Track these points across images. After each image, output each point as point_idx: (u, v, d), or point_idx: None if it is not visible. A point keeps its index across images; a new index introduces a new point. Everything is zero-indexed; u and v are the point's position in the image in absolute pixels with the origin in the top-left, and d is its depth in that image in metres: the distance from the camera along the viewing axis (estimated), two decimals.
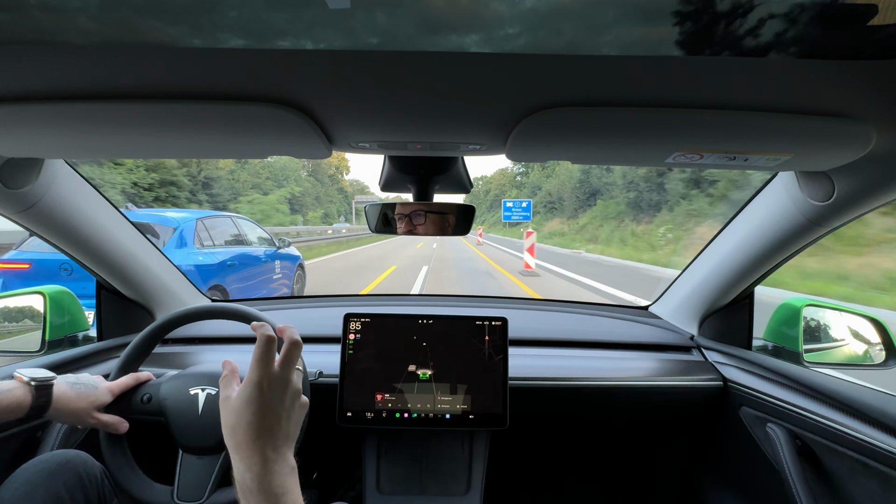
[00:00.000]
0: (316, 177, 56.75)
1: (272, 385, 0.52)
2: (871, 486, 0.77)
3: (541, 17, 0.37)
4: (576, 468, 1.58)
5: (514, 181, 67.59)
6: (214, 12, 0.37)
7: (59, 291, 1.16)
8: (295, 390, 0.55)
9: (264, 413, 0.51)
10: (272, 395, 0.52)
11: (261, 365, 0.52)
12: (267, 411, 0.51)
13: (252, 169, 36.38)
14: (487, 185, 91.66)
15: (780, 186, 0.90)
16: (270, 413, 0.51)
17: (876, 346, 1.11)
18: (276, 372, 0.53)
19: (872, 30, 0.37)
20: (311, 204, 47.39)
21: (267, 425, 0.51)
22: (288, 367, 0.54)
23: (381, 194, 0.97)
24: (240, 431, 0.50)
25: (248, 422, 0.50)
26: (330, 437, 1.31)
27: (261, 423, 0.51)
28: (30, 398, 0.72)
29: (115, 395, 0.83)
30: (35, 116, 0.56)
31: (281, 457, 0.50)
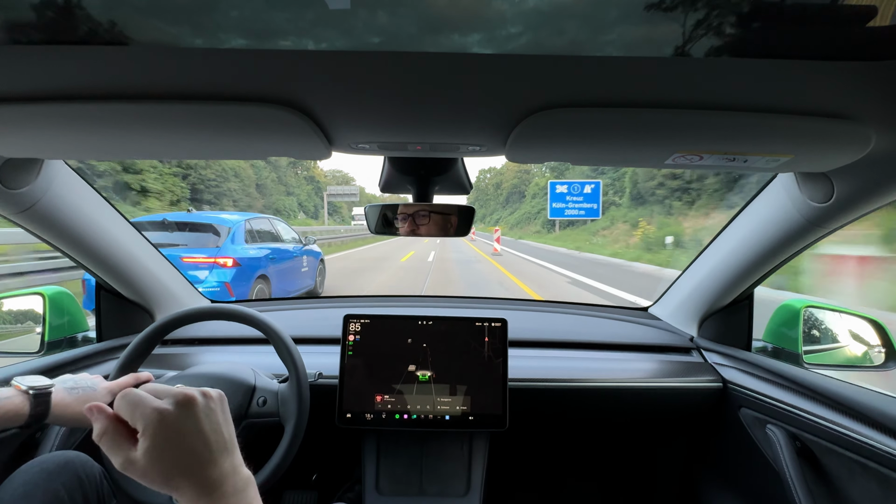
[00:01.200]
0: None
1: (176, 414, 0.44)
2: (870, 487, 0.77)
3: (543, 17, 0.37)
4: (575, 469, 1.58)
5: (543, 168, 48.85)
6: (216, 12, 0.37)
7: (59, 292, 1.16)
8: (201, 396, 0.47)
9: (187, 445, 0.44)
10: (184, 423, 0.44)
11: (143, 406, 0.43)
12: (189, 441, 0.44)
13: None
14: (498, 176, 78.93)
15: (780, 188, 0.90)
16: (193, 441, 0.44)
17: (875, 347, 1.11)
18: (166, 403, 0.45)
19: (872, 30, 0.37)
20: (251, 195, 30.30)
21: (196, 455, 0.44)
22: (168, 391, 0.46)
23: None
24: (174, 477, 0.43)
25: (175, 465, 0.43)
26: (329, 438, 1.31)
27: (188, 458, 0.44)
28: (28, 407, 0.72)
29: (115, 394, 0.83)
30: (34, 116, 0.56)
31: (227, 473, 0.45)
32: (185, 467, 0.43)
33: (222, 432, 0.47)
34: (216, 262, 4.51)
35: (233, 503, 0.43)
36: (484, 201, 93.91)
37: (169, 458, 0.43)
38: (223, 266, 4.53)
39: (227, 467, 0.45)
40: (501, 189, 79.15)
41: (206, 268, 4.49)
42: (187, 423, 0.45)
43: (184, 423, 0.44)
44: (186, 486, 0.43)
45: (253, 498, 0.46)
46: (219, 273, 4.55)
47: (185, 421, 0.45)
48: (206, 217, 5.16)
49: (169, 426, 0.44)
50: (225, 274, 4.56)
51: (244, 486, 0.45)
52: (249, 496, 0.45)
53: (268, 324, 0.93)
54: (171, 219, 4.99)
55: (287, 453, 0.87)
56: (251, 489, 0.46)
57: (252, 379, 0.94)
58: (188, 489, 0.43)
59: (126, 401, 0.44)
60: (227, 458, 0.46)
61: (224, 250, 4.66)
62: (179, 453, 0.43)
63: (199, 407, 0.46)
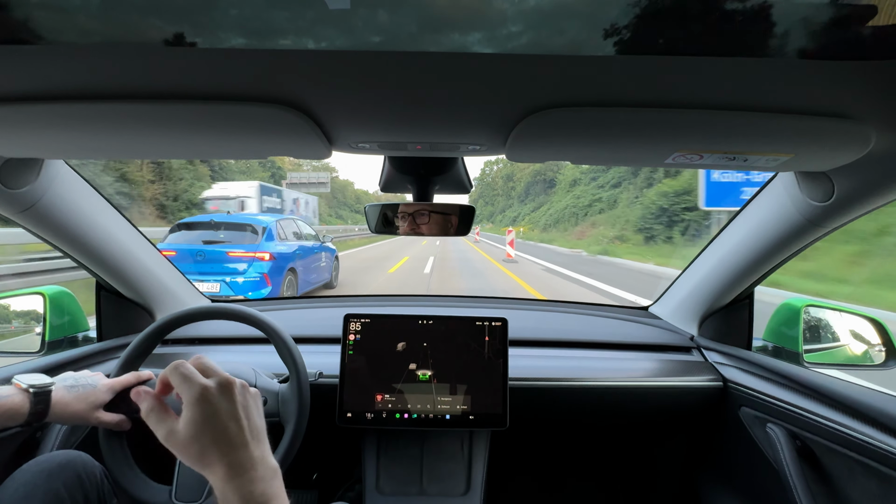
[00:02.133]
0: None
1: (215, 394, 0.49)
2: (870, 486, 0.77)
3: (544, 16, 0.37)
4: (576, 468, 1.58)
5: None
6: (215, 11, 0.37)
7: (59, 292, 1.16)
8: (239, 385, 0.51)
9: (222, 425, 0.48)
10: (221, 404, 0.48)
11: (190, 382, 0.49)
12: (224, 422, 0.48)
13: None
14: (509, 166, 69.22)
15: (780, 187, 0.90)
16: (228, 421, 0.48)
17: (876, 346, 1.11)
18: (210, 381, 0.49)
19: (872, 30, 0.37)
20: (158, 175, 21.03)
21: (230, 436, 0.47)
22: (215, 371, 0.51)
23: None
24: (206, 456, 0.47)
25: (210, 442, 0.47)
26: (330, 438, 1.31)
27: (224, 436, 0.47)
28: (28, 405, 0.72)
29: (116, 392, 0.83)
30: (35, 116, 0.56)
31: (257, 461, 0.48)
32: (219, 446, 0.47)
33: (255, 422, 0.51)
34: (255, 256, 5.30)
35: (260, 488, 0.46)
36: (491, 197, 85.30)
37: (206, 433, 0.47)
38: (261, 259, 5.32)
39: (256, 454, 0.48)
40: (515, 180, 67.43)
41: (247, 261, 5.29)
42: (224, 405, 0.49)
43: (222, 403, 0.49)
44: (218, 464, 0.46)
45: (278, 488, 0.48)
46: (258, 266, 5.31)
47: (224, 402, 0.49)
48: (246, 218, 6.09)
49: (210, 403, 0.48)
50: (263, 266, 5.32)
51: (272, 475, 0.48)
52: (275, 486, 0.48)
53: (268, 323, 0.93)
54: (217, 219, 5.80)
55: (287, 453, 0.87)
56: (277, 479, 0.49)
57: (252, 379, 0.94)
58: (219, 468, 0.46)
59: (178, 372, 0.49)
60: (257, 446, 0.49)
61: (262, 246, 5.42)
62: (215, 431, 0.47)
63: (237, 393, 0.50)
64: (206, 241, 5.40)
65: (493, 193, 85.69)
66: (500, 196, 76.50)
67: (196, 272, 5.21)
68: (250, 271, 5.26)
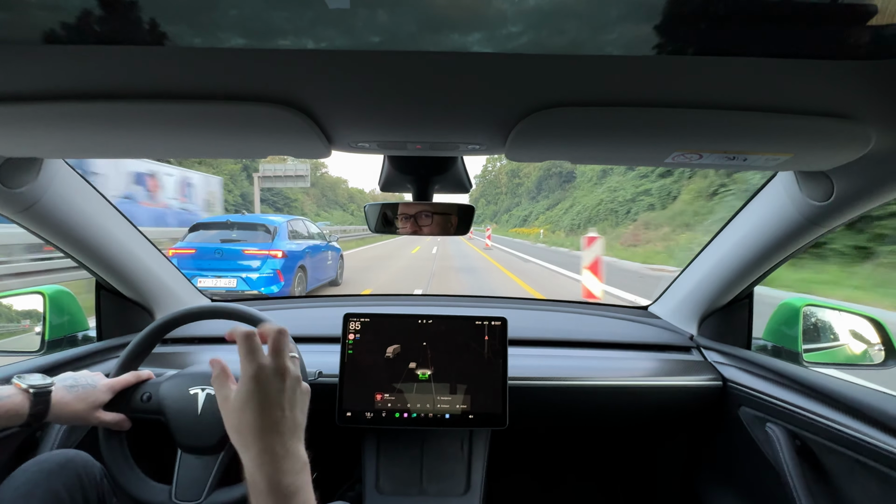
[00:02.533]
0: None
1: (268, 376, 0.51)
2: (870, 485, 0.77)
3: (544, 16, 0.37)
4: (575, 468, 1.58)
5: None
6: (214, 11, 0.37)
7: (59, 291, 1.16)
8: (294, 378, 0.53)
9: (266, 407, 0.50)
10: (270, 387, 0.50)
11: (251, 358, 0.51)
12: (269, 405, 0.50)
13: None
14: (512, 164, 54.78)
15: (780, 186, 0.90)
16: (273, 406, 0.50)
17: (875, 345, 1.11)
18: (268, 362, 0.51)
19: (872, 30, 0.37)
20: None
21: (271, 420, 0.49)
22: (279, 354, 0.52)
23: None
24: (245, 430, 0.49)
25: (251, 419, 0.49)
26: (329, 438, 1.31)
27: (265, 418, 0.49)
28: (28, 405, 0.72)
29: (115, 392, 0.83)
30: (35, 116, 0.55)
31: (290, 452, 0.49)
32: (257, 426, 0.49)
33: (297, 416, 0.53)
34: (269, 254, 5.69)
35: (288, 479, 0.48)
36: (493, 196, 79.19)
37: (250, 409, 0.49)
38: (275, 257, 5.70)
39: (290, 446, 0.50)
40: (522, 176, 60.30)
41: (261, 259, 5.67)
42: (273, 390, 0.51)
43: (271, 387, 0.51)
44: (254, 445, 0.48)
45: (305, 482, 0.50)
46: (271, 262, 5.67)
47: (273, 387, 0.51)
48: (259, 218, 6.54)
49: (260, 383, 0.50)
50: (276, 263, 5.69)
51: (301, 468, 0.50)
52: (303, 479, 0.50)
53: (267, 321, 0.93)
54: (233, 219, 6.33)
55: None
56: (306, 473, 0.51)
57: None
58: (255, 449, 0.48)
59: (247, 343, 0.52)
60: (293, 438, 0.51)
61: (275, 244, 5.83)
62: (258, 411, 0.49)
63: (288, 383, 0.52)
64: (223, 240, 5.81)
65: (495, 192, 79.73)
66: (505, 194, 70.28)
67: (214, 269, 5.54)
68: (264, 268, 5.63)
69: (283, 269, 5.72)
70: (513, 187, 67.68)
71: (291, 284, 5.87)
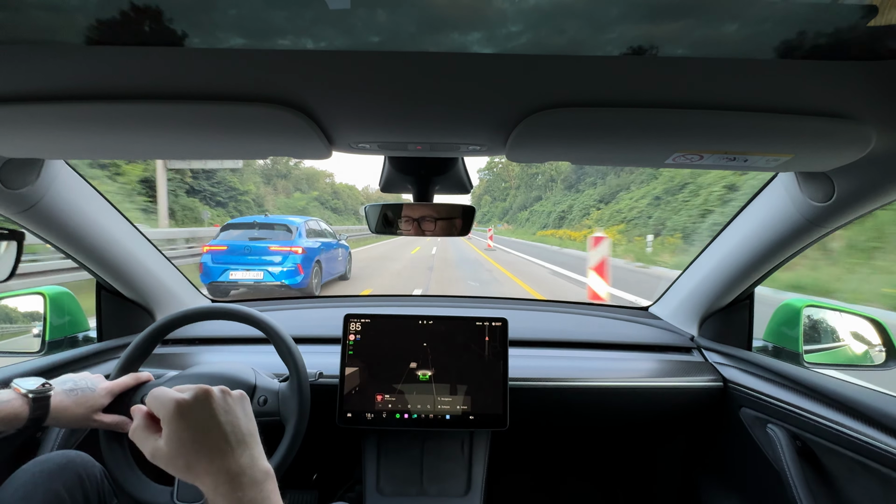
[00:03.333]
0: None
1: (193, 405, 0.48)
2: (871, 486, 0.77)
3: (544, 15, 0.37)
4: (576, 469, 1.58)
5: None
6: (214, 10, 0.37)
7: (59, 292, 1.16)
8: (220, 391, 0.51)
9: (199, 438, 0.47)
10: (200, 414, 0.48)
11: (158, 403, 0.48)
12: (200, 434, 0.47)
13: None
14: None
15: (780, 187, 0.90)
16: (209, 431, 0.48)
17: (876, 346, 1.11)
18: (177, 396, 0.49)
19: (872, 30, 0.37)
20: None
21: (210, 447, 0.47)
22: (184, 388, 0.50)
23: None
24: (194, 466, 0.47)
25: (195, 455, 0.47)
26: (330, 438, 1.31)
27: (209, 447, 0.47)
28: (27, 410, 0.72)
29: (115, 394, 0.83)
30: (35, 117, 0.56)
31: (244, 467, 0.47)
32: (203, 456, 0.47)
33: (240, 426, 0.50)
34: (291, 250, 6.46)
35: (250, 495, 0.46)
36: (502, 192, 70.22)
37: (188, 445, 0.47)
38: (295, 252, 6.45)
39: (244, 460, 0.48)
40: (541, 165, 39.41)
41: (283, 254, 6.44)
42: (203, 414, 0.48)
43: (200, 413, 0.48)
44: (206, 475, 0.46)
45: (271, 491, 0.48)
46: (293, 258, 6.41)
47: (202, 412, 0.48)
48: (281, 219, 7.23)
49: (185, 415, 0.48)
50: (297, 258, 6.42)
51: (263, 478, 0.48)
52: (267, 489, 0.47)
53: (268, 323, 0.93)
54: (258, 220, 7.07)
55: (288, 453, 0.87)
56: (269, 482, 0.48)
57: (252, 378, 0.94)
58: (207, 478, 0.46)
59: (152, 396, 0.49)
60: (245, 451, 0.48)
61: (296, 242, 6.59)
62: (197, 442, 0.47)
63: (216, 400, 0.50)
64: (251, 238, 6.60)
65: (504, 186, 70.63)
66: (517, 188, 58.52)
67: (243, 263, 6.35)
68: (287, 262, 6.39)
69: (303, 263, 6.47)
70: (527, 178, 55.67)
71: (310, 277, 6.56)
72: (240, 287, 6.52)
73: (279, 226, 6.91)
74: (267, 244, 6.49)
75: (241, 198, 28.48)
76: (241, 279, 6.29)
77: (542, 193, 43.68)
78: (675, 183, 18.37)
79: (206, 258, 6.39)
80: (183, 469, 0.47)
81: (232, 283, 6.35)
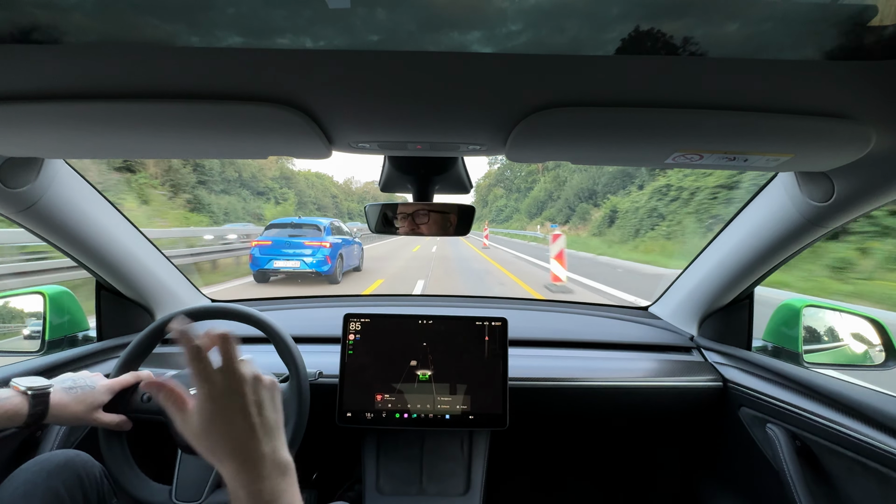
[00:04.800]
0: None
1: (224, 390, 0.48)
2: (870, 486, 0.77)
3: (544, 15, 0.37)
4: (576, 468, 1.58)
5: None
6: (212, 9, 0.37)
7: (59, 291, 1.16)
8: (252, 380, 0.51)
9: (231, 421, 0.48)
10: (230, 399, 0.48)
11: (202, 376, 0.48)
12: (233, 418, 0.48)
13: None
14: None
15: (780, 187, 0.90)
16: (238, 417, 0.48)
17: (876, 346, 1.11)
18: (220, 375, 0.49)
19: (872, 30, 0.37)
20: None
21: (240, 432, 0.47)
22: (229, 362, 0.50)
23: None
24: (218, 449, 0.47)
25: (220, 438, 0.47)
26: (329, 438, 1.31)
27: (234, 432, 0.47)
28: (27, 407, 0.72)
29: (114, 392, 0.83)
30: (34, 116, 0.56)
31: (267, 457, 0.47)
32: (227, 442, 0.47)
33: (268, 416, 0.50)
34: (321, 245, 8.16)
35: (268, 486, 0.46)
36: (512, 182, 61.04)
37: (215, 428, 0.47)
38: (324, 247, 8.15)
39: (266, 450, 0.48)
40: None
41: (315, 248, 8.09)
42: (234, 401, 0.48)
43: (231, 400, 0.48)
44: (227, 460, 0.46)
45: (288, 485, 0.48)
46: (322, 251, 8.09)
47: (233, 399, 0.49)
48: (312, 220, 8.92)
49: (219, 399, 0.48)
50: (325, 251, 8.11)
51: (282, 471, 0.48)
52: (285, 482, 0.47)
53: (268, 323, 0.94)
54: (295, 221, 8.85)
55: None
56: (288, 476, 0.48)
57: None
58: (228, 463, 0.46)
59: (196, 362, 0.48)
60: (269, 441, 0.48)
61: (324, 238, 8.26)
62: (224, 427, 0.47)
63: (248, 389, 0.50)
64: (291, 235, 8.29)
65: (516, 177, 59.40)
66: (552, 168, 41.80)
67: (284, 255, 8.04)
68: (318, 254, 8.06)
69: (331, 255, 8.14)
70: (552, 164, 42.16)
71: (335, 267, 8.20)
72: (280, 274, 8.26)
73: (310, 225, 8.62)
74: (302, 240, 8.16)
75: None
76: (282, 267, 8.03)
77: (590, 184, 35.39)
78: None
79: (254, 250, 8.14)
80: (207, 450, 0.48)
81: (274, 270, 8.08)
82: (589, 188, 29.61)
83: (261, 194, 34.29)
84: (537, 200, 43.58)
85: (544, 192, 42.31)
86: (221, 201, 24.76)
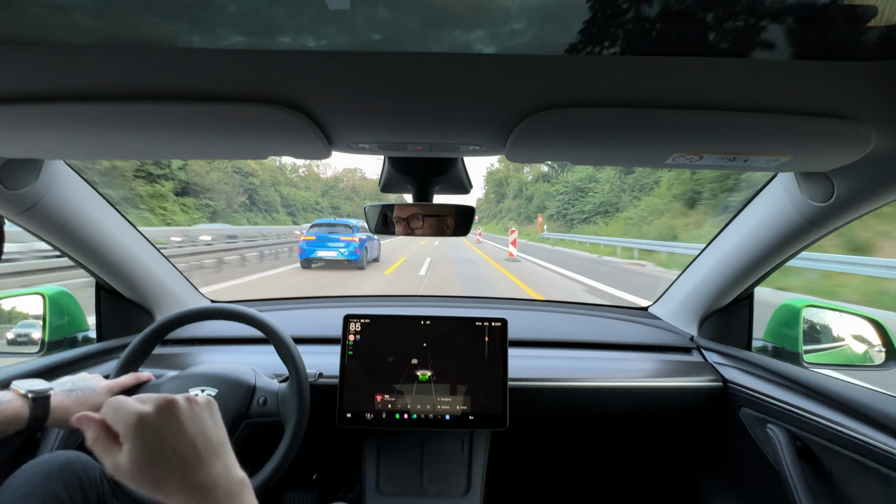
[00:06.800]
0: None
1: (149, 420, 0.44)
2: (870, 486, 0.77)
3: (547, 13, 0.37)
4: (576, 469, 1.58)
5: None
6: (213, 8, 0.37)
7: (59, 292, 1.16)
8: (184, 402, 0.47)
9: (168, 453, 0.44)
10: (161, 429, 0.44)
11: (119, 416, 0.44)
12: (168, 449, 0.44)
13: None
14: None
15: (780, 187, 0.90)
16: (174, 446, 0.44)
17: (875, 346, 1.11)
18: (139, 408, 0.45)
19: (872, 30, 0.37)
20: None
21: (180, 462, 0.43)
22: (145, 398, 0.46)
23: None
24: (160, 486, 0.43)
25: (160, 472, 0.43)
26: (329, 438, 1.31)
27: (172, 463, 0.43)
28: (27, 411, 0.72)
29: (114, 394, 0.83)
30: (34, 117, 0.55)
31: (217, 478, 0.44)
32: (171, 471, 0.43)
33: (210, 436, 0.47)
34: (353, 240, 10.43)
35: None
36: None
37: (153, 461, 0.43)
38: (354, 241, 10.40)
39: (217, 470, 0.45)
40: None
41: (348, 242, 10.35)
42: (169, 427, 0.45)
43: (165, 426, 0.45)
44: (176, 491, 0.43)
45: (248, 501, 0.45)
46: (353, 244, 10.34)
47: (167, 424, 0.45)
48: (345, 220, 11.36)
49: (149, 429, 0.44)
50: (355, 244, 10.36)
51: (238, 489, 0.45)
52: (244, 499, 0.45)
53: (268, 323, 0.93)
54: (332, 221, 11.23)
55: (287, 453, 0.87)
56: (246, 492, 0.45)
57: (252, 379, 0.94)
58: (179, 495, 0.42)
59: (110, 406, 0.45)
60: (217, 461, 0.45)
61: (355, 234, 10.54)
62: (163, 457, 0.43)
63: (182, 410, 0.46)
64: (329, 231, 10.56)
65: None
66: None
67: (325, 248, 10.29)
68: (350, 247, 10.35)
69: (360, 248, 10.44)
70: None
71: (362, 256, 10.57)
72: (321, 261, 10.46)
73: (344, 225, 10.99)
74: (338, 235, 10.45)
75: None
76: (324, 256, 10.30)
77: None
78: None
79: (302, 244, 10.69)
80: (150, 486, 0.43)
81: (317, 259, 10.40)
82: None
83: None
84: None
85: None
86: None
